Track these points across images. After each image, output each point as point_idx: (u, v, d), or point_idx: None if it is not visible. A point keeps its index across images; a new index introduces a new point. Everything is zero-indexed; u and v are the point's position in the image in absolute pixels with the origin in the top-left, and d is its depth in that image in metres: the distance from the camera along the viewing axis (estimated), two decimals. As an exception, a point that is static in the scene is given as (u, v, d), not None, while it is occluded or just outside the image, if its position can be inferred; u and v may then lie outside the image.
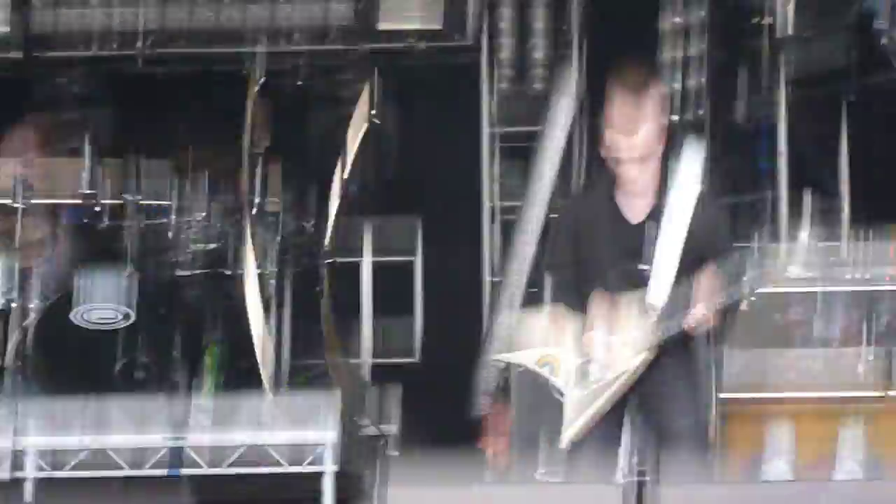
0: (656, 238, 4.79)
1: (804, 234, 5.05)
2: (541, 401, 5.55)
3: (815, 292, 5.99)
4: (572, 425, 4.84)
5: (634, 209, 4.82)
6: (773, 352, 6.10)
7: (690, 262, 4.73)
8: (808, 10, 6.83)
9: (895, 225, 6.16)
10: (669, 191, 4.77)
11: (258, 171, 6.66)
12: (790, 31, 6.78)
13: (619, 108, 4.74)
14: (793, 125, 6.94)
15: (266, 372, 6.37)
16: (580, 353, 4.79)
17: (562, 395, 4.90)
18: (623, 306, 4.78)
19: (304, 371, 6.88)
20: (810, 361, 6.07)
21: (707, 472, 4.90)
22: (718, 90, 7.02)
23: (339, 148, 6.81)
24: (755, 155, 7.06)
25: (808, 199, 6.50)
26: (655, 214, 4.78)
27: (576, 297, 4.88)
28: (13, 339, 6.25)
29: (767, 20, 6.91)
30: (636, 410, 4.87)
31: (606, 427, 4.81)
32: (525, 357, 4.99)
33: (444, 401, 6.80)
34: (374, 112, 6.83)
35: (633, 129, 4.73)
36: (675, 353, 4.85)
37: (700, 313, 4.68)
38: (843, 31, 6.51)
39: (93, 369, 6.25)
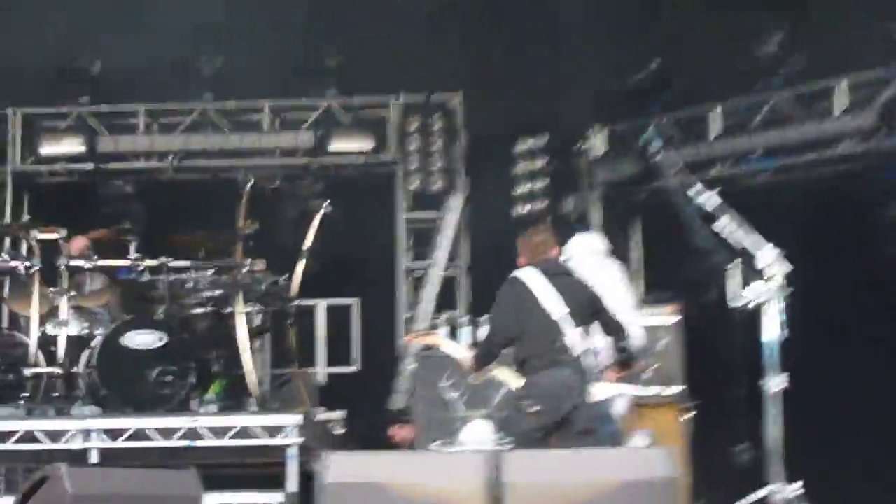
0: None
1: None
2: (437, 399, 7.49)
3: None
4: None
5: None
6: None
7: None
8: (611, 140, 9.29)
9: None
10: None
11: (248, 244, 7.99)
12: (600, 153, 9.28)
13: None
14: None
15: (251, 378, 7.74)
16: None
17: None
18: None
19: (278, 377, 8.62)
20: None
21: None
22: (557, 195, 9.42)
23: (304, 229, 8.31)
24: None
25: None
26: None
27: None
28: (85, 355, 7.53)
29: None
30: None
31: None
32: (501, 373, 6.47)
33: (374, 397, 9.00)
34: (326, 203, 8.42)
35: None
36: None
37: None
38: (632, 153, 8.74)
39: (138, 376, 7.45)
